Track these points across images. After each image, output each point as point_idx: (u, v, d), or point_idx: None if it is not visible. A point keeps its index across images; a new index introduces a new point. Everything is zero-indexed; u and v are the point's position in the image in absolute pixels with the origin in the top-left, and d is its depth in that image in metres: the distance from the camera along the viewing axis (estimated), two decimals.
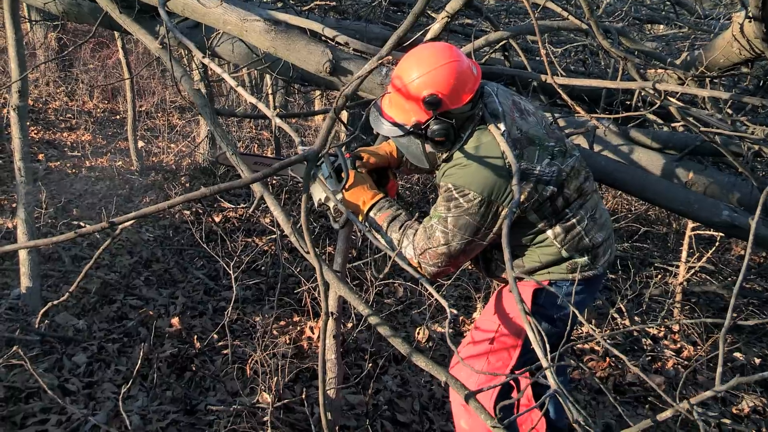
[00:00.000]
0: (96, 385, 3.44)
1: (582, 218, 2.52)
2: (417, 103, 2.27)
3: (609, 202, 8.37)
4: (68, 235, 1.40)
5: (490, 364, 2.61)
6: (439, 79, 2.24)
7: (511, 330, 2.60)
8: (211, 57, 4.17)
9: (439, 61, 2.25)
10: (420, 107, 2.28)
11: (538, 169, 2.38)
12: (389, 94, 2.36)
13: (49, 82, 11.01)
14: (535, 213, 2.44)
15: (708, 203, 2.89)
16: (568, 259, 2.55)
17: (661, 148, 3.66)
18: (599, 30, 2.49)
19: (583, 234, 2.53)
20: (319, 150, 1.64)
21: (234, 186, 1.50)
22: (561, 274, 2.57)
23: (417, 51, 2.33)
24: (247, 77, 9.98)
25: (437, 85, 2.24)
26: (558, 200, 2.46)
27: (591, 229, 2.55)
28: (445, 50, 2.29)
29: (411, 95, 2.27)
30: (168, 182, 7.18)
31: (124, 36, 7.67)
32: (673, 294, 5.49)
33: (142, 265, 5.13)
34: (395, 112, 2.36)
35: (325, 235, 6.10)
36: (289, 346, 4.00)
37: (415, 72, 2.25)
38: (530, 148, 2.38)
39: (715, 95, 2.30)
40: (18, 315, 3.92)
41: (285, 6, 4.37)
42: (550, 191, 2.41)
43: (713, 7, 5.99)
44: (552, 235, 2.50)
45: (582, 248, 2.54)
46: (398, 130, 2.37)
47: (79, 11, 4.66)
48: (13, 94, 3.87)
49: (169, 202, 1.42)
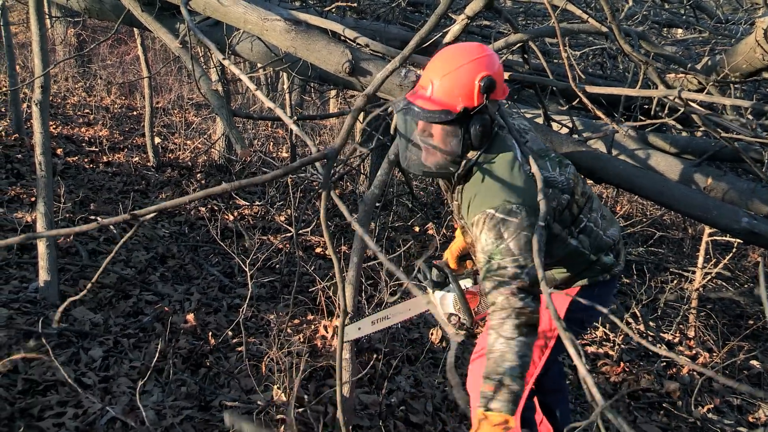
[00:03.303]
0: (112, 380, 3.46)
1: (595, 219, 2.56)
2: (469, 86, 2.22)
3: (624, 207, 8.34)
4: (91, 225, 1.41)
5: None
6: (492, 63, 2.24)
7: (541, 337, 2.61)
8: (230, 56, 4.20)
9: (485, 50, 2.26)
10: (471, 91, 2.22)
11: (556, 178, 2.39)
12: (433, 83, 2.26)
13: (68, 78, 11.08)
14: (558, 224, 2.44)
15: (727, 209, 2.86)
16: (597, 261, 2.58)
17: (679, 153, 3.64)
18: (621, 34, 2.48)
19: (601, 233, 2.57)
20: (340, 149, 1.65)
21: (253, 182, 1.50)
22: (594, 277, 2.61)
23: (456, 44, 2.34)
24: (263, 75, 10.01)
25: (491, 68, 2.23)
26: (573, 207, 2.46)
27: (606, 227, 2.60)
28: (483, 45, 2.31)
29: (462, 78, 2.22)
30: (184, 179, 7.21)
31: (143, 33, 7.70)
32: (688, 300, 5.46)
33: (158, 261, 5.16)
34: (441, 97, 2.25)
35: (340, 234, 6.12)
36: (303, 345, 4.01)
37: (466, 57, 2.24)
38: (541, 161, 2.37)
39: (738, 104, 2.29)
40: (36, 308, 3.95)
41: (305, 6, 4.38)
42: (567, 199, 2.41)
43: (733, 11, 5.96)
44: (577, 243, 2.51)
45: (605, 246, 2.58)
46: (443, 116, 2.25)
47: (101, 8, 4.69)
48: (35, 89, 3.90)
49: (190, 197, 1.43)
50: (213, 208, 6.35)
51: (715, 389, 4.44)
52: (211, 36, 4.19)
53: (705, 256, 5.39)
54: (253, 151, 8.22)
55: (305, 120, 9.31)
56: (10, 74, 7.60)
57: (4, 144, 6.94)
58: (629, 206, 8.34)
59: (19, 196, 5.71)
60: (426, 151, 2.38)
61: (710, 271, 5.27)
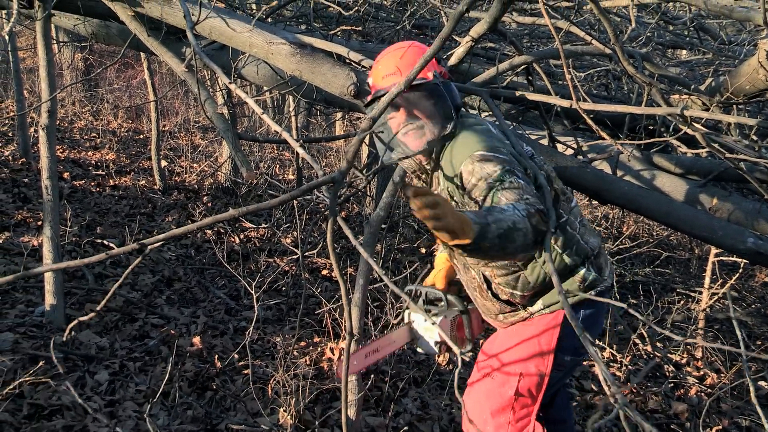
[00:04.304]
0: (118, 403, 3.45)
1: (573, 222, 2.49)
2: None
3: (630, 227, 8.32)
4: (99, 257, 1.42)
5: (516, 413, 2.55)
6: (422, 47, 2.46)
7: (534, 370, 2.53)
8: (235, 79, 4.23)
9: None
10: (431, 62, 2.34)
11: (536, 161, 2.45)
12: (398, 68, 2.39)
13: (75, 102, 11.17)
14: None
15: (732, 230, 2.86)
16: (574, 270, 2.45)
17: (684, 174, 3.65)
18: (624, 55, 2.49)
19: (579, 238, 2.47)
20: (346, 172, 1.66)
21: (261, 207, 1.51)
22: (574, 292, 2.45)
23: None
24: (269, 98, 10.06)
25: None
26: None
27: (584, 233, 2.51)
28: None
29: (417, 54, 2.39)
30: (190, 202, 7.23)
31: (150, 57, 7.77)
32: (695, 320, 5.44)
33: (164, 284, 5.17)
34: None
35: (345, 256, 6.12)
36: (309, 367, 4.00)
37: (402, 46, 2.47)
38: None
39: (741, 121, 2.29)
40: (42, 332, 3.95)
41: (310, 30, 4.42)
42: (545, 177, 2.38)
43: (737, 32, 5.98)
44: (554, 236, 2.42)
45: (582, 253, 2.46)
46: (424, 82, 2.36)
47: (107, 33, 4.74)
48: (42, 114, 3.93)
49: (198, 224, 1.44)
50: (219, 230, 6.36)
51: (723, 410, 4.41)
52: (216, 60, 4.22)
53: (711, 276, 5.38)
54: (259, 173, 8.25)
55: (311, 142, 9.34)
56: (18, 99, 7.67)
57: (11, 168, 6.98)
58: (635, 226, 8.33)
59: (25, 220, 5.74)
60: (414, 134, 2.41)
61: (717, 291, 5.25)
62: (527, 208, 1.98)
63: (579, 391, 4.37)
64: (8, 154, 7.48)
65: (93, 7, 4.13)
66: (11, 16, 3.34)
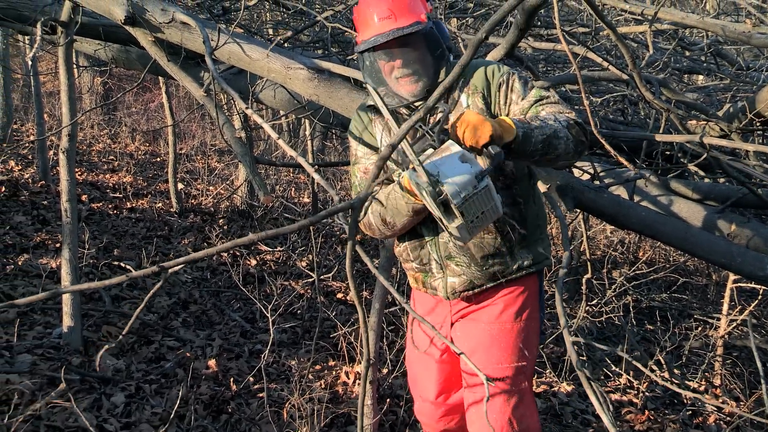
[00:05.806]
0: (133, 426, 3.45)
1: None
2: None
3: (647, 253, 8.28)
4: (120, 279, 1.43)
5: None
6: None
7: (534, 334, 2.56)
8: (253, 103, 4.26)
9: None
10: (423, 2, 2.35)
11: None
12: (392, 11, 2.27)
13: (93, 125, 11.28)
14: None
15: (751, 256, 2.84)
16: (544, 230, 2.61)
17: (701, 199, 3.63)
18: (642, 81, 2.49)
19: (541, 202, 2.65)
20: (365, 198, 1.66)
21: (280, 233, 1.52)
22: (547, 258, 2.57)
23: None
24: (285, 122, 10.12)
25: None
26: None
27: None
28: None
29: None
30: (207, 224, 7.27)
31: (167, 81, 7.85)
32: (714, 347, 5.39)
33: (180, 307, 5.18)
34: (407, 14, 2.29)
35: (361, 279, 6.12)
36: (324, 391, 3.99)
37: None
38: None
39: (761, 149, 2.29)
40: (60, 354, 3.97)
41: (327, 54, 4.45)
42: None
43: (754, 58, 5.97)
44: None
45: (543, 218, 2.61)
46: (420, 26, 2.27)
47: (127, 57, 4.80)
48: (63, 137, 3.97)
49: (218, 248, 1.45)
50: (235, 253, 6.38)
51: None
52: (234, 84, 4.26)
53: (730, 302, 5.33)
54: (275, 197, 8.28)
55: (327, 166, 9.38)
56: (38, 122, 7.76)
57: (31, 191, 7.04)
58: (651, 252, 8.28)
59: (44, 242, 5.78)
60: (409, 80, 2.37)
61: (735, 318, 5.21)
62: (567, 119, 2.21)
63: (595, 418, 4.33)
64: (28, 176, 7.56)
65: (114, 32, 4.19)
66: (34, 42, 3.39)
